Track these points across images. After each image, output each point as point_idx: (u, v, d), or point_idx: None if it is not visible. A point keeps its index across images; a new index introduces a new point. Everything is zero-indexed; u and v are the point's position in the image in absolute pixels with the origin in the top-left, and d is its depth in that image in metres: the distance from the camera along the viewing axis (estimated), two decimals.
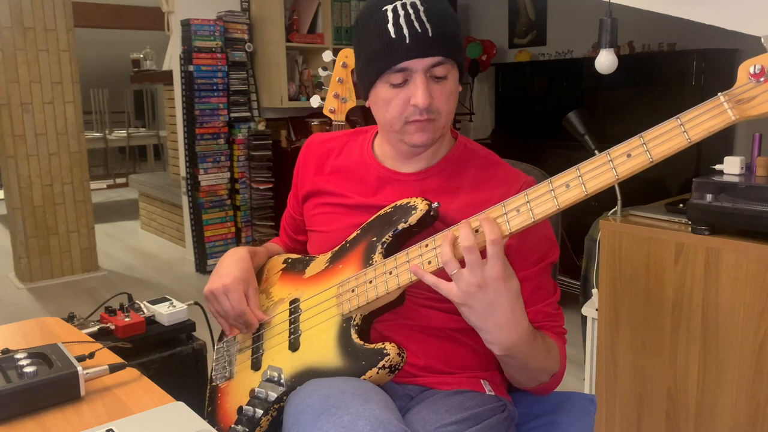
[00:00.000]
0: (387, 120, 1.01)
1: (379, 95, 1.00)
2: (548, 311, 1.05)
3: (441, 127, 1.01)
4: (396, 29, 0.94)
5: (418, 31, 0.94)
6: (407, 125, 0.99)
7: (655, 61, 3.78)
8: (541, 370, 1.01)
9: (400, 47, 0.94)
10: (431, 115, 0.98)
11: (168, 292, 3.80)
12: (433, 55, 0.95)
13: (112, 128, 8.19)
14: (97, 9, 6.43)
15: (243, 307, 1.08)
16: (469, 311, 0.87)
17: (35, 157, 3.90)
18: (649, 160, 0.78)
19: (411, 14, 0.94)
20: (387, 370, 0.93)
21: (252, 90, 4.25)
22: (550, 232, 1.08)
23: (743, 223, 1.52)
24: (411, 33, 0.94)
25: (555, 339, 1.04)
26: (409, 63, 0.95)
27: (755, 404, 1.53)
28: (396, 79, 0.97)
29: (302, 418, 0.87)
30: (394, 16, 0.95)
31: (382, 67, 0.97)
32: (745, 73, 0.74)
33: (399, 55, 0.95)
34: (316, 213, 1.16)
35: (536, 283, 1.04)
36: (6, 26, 3.72)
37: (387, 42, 0.95)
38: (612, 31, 1.72)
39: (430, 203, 0.98)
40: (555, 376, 1.04)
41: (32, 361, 0.89)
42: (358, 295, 0.98)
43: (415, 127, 0.99)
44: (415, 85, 0.96)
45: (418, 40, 0.94)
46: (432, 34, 0.94)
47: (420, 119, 0.98)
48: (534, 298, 1.03)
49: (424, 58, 0.95)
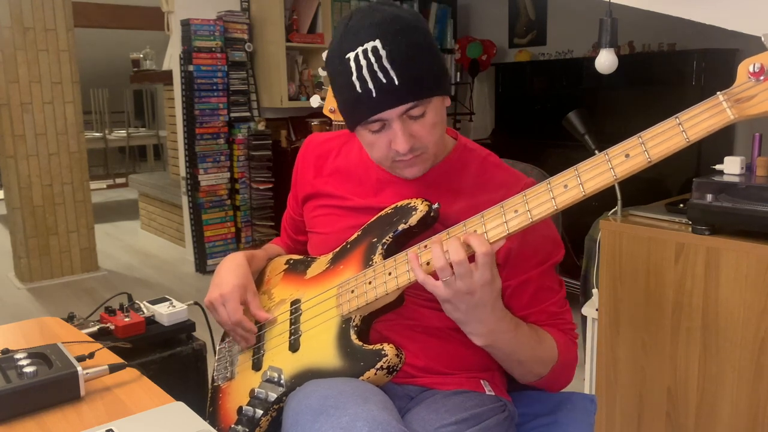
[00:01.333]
0: (375, 159, 1.02)
1: (363, 138, 1.00)
2: (552, 311, 1.05)
3: (432, 156, 1.01)
4: (360, 83, 0.91)
5: (383, 81, 0.90)
6: (395, 163, 0.99)
7: (655, 61, 3.78)
8: (535, 361, 1.01)
9: (368, 101, 0.92)
10: (416, 152, 0.97)
11: (168, 292, 3.80)
12: (403, 102, 0.92)
13: (112, 128, 8.19)
14: (97, 9, 6.43)
15: (239, 317, 1.08)
16: (453, 309, 0.90)
17: (35, 157, 3.90)
18: (647, 160, 0.78)
19: (374, 63, 0.90)
20: (385, 371, 0.93)
21: (252, 90, 4.25)
22: (554, 233, 1.08)
23: (743, 223, 1.52)
24: (376, 86, 0.90)
25: (558, 334, 1.04)
26: (380, 115, 0.93)
27: (755, 404, 1.53)
28: (373, 127, 0.96)
29: (301, 419, 0.87)
30: (357, 67, 0.91)
31: (357, 119, 0.96)
32: (745, 71, 0.74)
33: (369, 109, 0.93)
34: (316, 215, 1.16)
35: (539, 284, 1.04)
36: (6, 26, 3.72)
37: (355, 96, 0.93)
38: (612, 31, 1.72)
39: (430, 204, 0.98)
40: (557, 368, 1.03)
41: (32, 361, 0.89)
42: (358, 296, 0.98)
43: (403, 164, 0.99)
44: (393, 132, 0.94)
45: (385, 92, 0.90)
46: (398, 82, 0.90)
47: (405, 159, 0.97)
48: (537, 298, 1.03)
49: (395, 108, 0.92)
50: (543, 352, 1.01)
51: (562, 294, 1.08)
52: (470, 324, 0.91)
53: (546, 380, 1.05)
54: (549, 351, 1.02)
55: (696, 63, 3.47)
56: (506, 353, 0.98)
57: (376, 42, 0.90)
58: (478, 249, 0.84)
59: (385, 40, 0.90)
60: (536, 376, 1.03)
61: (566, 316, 1.07)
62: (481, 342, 0.93)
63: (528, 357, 1.00)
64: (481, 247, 0.84)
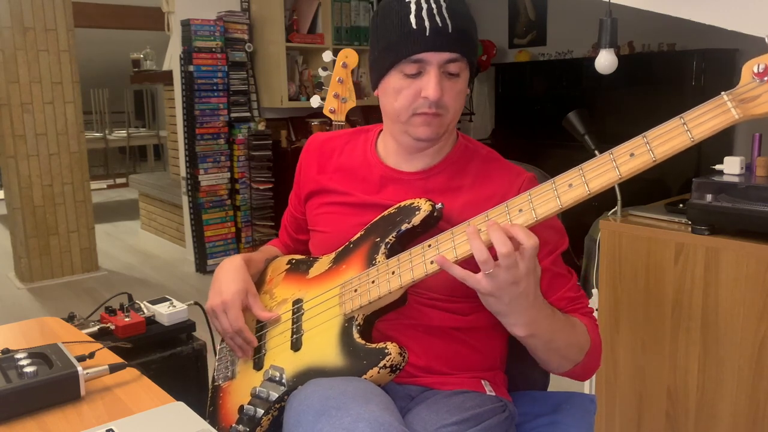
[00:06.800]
0: (395, 109, 1.02)
1: (391, 84, 1.01)
2: (570, 296, 1.06)
3: (447, 124, 1.02)
4: (417, 21, 0.96)
5: (439, 25, 0.95)
6: (414, 117, 1.00)
7: (655, 61, 3.78)
8: (571, 346, 1.00)
9: (420, 38, 0.96)
10: (439, 110, 0.99)
11: (168, 292, 3.80)
12: (451, 50, 0.96)
13: (112, 128, 8.19)
14: (97, 9, 6.42)
15: (240, 325, 1.08)
16: (496, 301, 0.88)
17: (35, 157, 3.90)
18: (652, 159, 0.78)
19: (434, 8, 0.96)
20: (388, 369, 0.93)
21: (252, 90, 4.25)
22: (557, 223, 1.08)
23: (743, 223, 1.52)
24: (432, 26, 0.95)
25: (582, 318, 1.04)
26: (425, 55, 0.96)
27: (755, 404, 1.53)
28: (410, 70, 0.98)
29: (302, 419, 0.87)
30: (417, 8, 0.96)
31: (399, 56, 0.98)
32: (749, 72, 0.74)
33: (417, 46, 0.96)
34: (319, 212, 1.16)
35: (553, 272, 1.04)
36: (6, 26, 3.72)
37: (407, 32, 0.96)
38: (612, 31, 1.72)
39: (433, 204, 0.98)
40: (590, 354, 1.03)
41: (32, 361, 0.89)
42: (361, 295, 0.98)
43: (421, 120, 1.00)
44: (428, 78, 0.97)
45: (438, 34, 0.95)
46: (452, 30, 0.96)
47: (428, 112, 0.99)
48: (554, 286, 1.04)
49: (441, 53, 0.96)
50: (578, 337, 1.01)
51: (574, 280, 1.08)
52: (512, 315, 0.90)
53: (582, 366, 1.03)
54: (582, 335, 1.02)
55: (696, 63, 3.47)
56: (545, 341, 0.96)
57: None
58: (526, 242, 0.83)
59: None
60: (573, 362, 1.02)
61: (583, 300, 1.08)
62: (524, 332, 0.92)
63: (565, 343, 0.99)
64: (529, 240, 0.83)
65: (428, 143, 1.04)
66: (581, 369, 1.04)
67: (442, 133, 1.03)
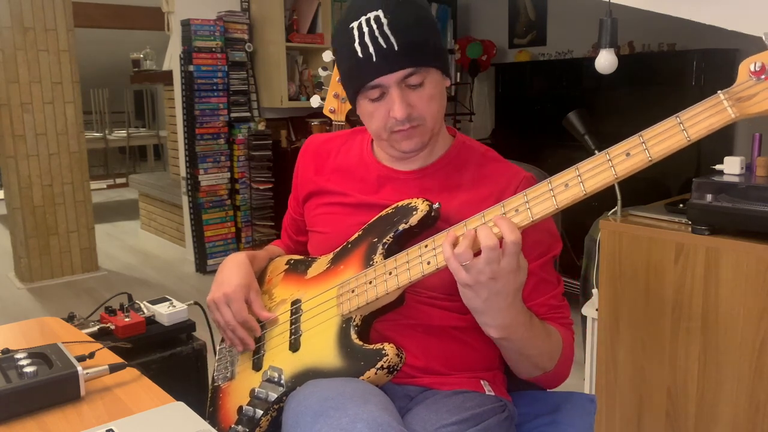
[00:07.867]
0: (373, 131, 1.04)
1: (362, 109, 1.03)
2: (552, 303, 1.05)
3: (429, 131, 1.02)
4: (362, 48, 0.95)
5: (384, 47, 0.94)
6: (393, 134, 1.01)
7: (655, 61, 3.78)
8: (542, 355, 1.00)
9: (368, 65, 0.95)
10: (414, 122, 0.99)
11: (168, 292, 3.80)
12: (402, 68, 0.95)
13: (112, 128, 8.19)
14: (97, 9, 6.42)
15: (245, 315, 1.08)
16: (473, 296, 0.87)
17: (35, 157, 3.90)
18: (648, 159, 0.78)
19: (375, 30, 0.95)
20: (385, 370, 0.93)
21: (252, 90, 4.25)
22: (552, 226, 1.08)
23: (743, 223, 1.52)
24: (376, 50, 0.94)
25: (560, 329, 1.04)
26: (380, 80, 0.96)
27: (755, 404, 1.53)
28: (373, 95, 0.99)
29: (301, 420, 0.87)
30: (359, 34, 0.96)
31: (357, 85, 0.99)
32: (746, 70, 0.74)
33: (369, 74, 0.96)
34: (317, 213, 1.16)
35: (539, 277, 1.04)
36: (6, 26, 3.72)
37: (356, 62, 0.97)
38: (612, 31, 1.72)
39: (431, 204, 0.98)
40: (560, 365, 1.03)
41: (32, 361, 0.89)
42: (358, 295, 0.98)
43: (401, 135, 1.01)
44: (391, 99, 0.97)
45: (385, 57, 0.94)
46: (398, 48, 0.94)
47: (403, 129, 0.99)
48: (538, 291, 1.03)
49: (393, 73, 0.95)
50: (551, 346, 1.01)
51: (560, 289, 1.08)
52: (488, 313, 0.89)
53: (550, 375, 1.04)
54: (556, 345, 1.02)
55: (696, 63, 3.47)
56: (518, 348, 0.97)
57: (378, 11, 0.95)
58: (508, 236, 0.82)
59: (387, 10, 0.95)
60: (541, 370, 1.02)
61: (565, 311, 1.07)
62: (497, 334, 0.91)
63: (538, 351, 0.99)
64: (511, 235, 0.82)
65: (416, 153, 1.05)
66: (550, 377, 1.05)
67: (428, 141, 1.03)
